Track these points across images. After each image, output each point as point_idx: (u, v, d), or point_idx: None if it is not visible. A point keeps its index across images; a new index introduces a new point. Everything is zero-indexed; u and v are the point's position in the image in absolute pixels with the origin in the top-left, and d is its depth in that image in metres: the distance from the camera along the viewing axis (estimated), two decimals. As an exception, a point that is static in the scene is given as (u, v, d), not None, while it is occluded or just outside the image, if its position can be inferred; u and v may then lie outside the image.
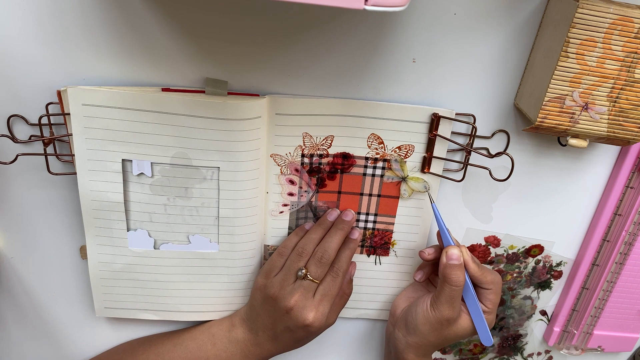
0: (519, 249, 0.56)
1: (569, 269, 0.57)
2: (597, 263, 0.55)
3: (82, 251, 0.51)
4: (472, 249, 0.55)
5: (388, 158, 0.48)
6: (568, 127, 0.42)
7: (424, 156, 0.48)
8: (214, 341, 0.51)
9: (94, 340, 0.57)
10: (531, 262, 0.56)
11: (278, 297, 0.47)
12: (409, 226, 0.52)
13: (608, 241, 0.54)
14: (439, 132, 0.47)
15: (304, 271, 0.47)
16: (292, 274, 0.47)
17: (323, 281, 0.48)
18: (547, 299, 0.59)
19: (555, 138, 0.49)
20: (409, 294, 0.54)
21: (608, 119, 0.42)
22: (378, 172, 0.49)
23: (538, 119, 0.42)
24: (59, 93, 0.43)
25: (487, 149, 0.49)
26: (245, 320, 0.51)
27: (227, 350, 0.51)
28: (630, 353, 0.64)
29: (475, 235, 0.54)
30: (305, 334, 0.48)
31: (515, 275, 0.57)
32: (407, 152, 0.48)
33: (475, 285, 0.49)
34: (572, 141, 0.43)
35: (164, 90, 0.43)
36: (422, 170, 0.49)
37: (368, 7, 0.27)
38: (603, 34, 0.39)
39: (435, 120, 0.46)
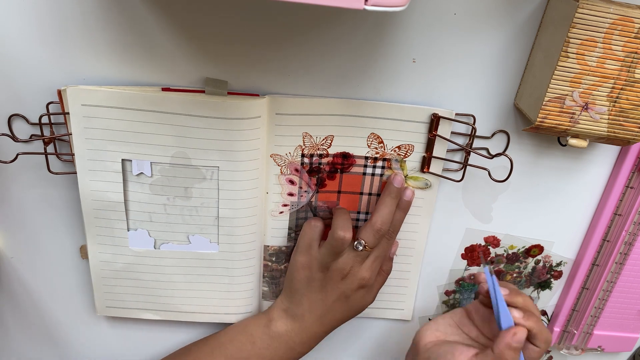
0: (518, 249, 0.56)
1: (569, 269, 0.57)
2: (597, 263, 0.55)
3: (82, 251, 0.51)
4: (472, 249, 0.55)
5: (388, 157, 0.48)
6: (568, 127, 0.42)
7: (424, 156, 0.48)
8: (253, 340, 0.50)
9: (94, 340, 0.57)
10: (531, 262, 0.56)
11: (331, 267, 0.47)
12: (409, 225, 0.52)
13: (608, 241, 0.54)
14: (439, 132, 0.47)
15: (363, 242, 0.47)
16: (340, 246, 0.47)
17: (378, 246, 0.48)
18: (547, 299, 0.59)
19: (555, 138, 0.49)
20: (440, 329, 0.49)
21: (608, 119, 0.42)
22: (378, 171, 0.49)
23: (538, 119, 0.42)
24: (59, 92, 0.43)
25: (487, 149, 0.49)
26: (286, 310, 0.50)
27: (269, 347, 0.50)
28: (630, 353, 0.64)
29: (475, 236, 0.54)
30: (360, 297, 0.49)
31: (515, 275, 0.57)
32: (406, 151, 0.48)
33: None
34: (572, 141, 0.43)
35: (163, 90, 0.44)
36: (422, 170, 0.49)
37: (368, 7, 0.27)
38: (603, 34, 0.38)
39: (435, 121, 0.46)
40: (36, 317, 0.55)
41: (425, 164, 0.48)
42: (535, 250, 0.56)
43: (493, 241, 0.55)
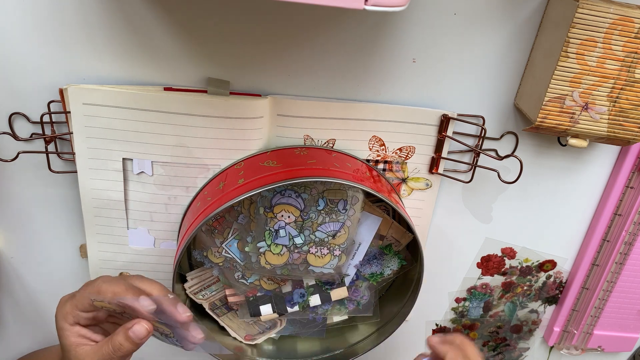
0: (532, 263, 0.56)
1: (569, 269, 0.57)
2: (597, 263, 0.55)
3: (82, 250, 0.51)
4: (488, 258, 0.55)
5: (389, 160, 0.48)
6: (568, 127, 0.42)
7: (433, 157, 0.48)
8: None
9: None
10: (542, 276, 0.57)
11: None
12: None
13: (608, 241, 0.54)
14: (447, 133, 0.46)
15: None
16: None
17: None
18: (550, 312, 0.60)
19: (555, 138, 0.49)
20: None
21: (608, 119, 0.42)
22: (379, 173, 0.49)
23: (538, 119, 0.42)
24: (61, 91, 0.43)
25: (495, 151, 0.49)
26: None
27: None
28: (630, 353, 0.64)
29: (493, 246, 0.54)
30: None
31: (525, 288, 0.57)
32: (407, 153, 0.48)
33: None
34: (572, 141, 0.43)
35: (166, 89, 0.44)
36: (430, 171, 0.49)
37: (368, 7, 0.27)
38: (603, 34, 0.39)
39: (445, 122, 0.46)
40: (35, 317, 0.55)
41: (434, 164, 0.48)
42: (548, 265, 0.56)
43: (509, 253, 0.55)
